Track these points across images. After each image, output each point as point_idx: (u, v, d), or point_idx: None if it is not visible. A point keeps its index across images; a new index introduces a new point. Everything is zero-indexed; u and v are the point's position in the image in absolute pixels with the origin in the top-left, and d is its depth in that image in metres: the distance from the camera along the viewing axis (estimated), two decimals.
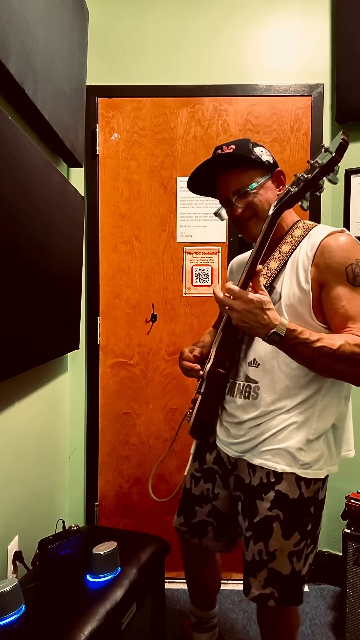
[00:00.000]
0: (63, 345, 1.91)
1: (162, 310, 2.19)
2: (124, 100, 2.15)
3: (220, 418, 1.39)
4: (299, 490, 1.23)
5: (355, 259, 1.16)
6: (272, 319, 1.09)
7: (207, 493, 1.44)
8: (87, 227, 2.16)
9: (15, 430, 1.58)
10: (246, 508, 1.30)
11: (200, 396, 1.38)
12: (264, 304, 1.09)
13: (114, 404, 2.22)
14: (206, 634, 1.62)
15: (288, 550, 1.24)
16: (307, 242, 1.23)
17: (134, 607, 1.37)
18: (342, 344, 1.08)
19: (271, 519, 1.24)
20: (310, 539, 1.27)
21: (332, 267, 1.17)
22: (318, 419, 1.23)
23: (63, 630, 1.16)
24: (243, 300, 1.09)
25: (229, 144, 1.29)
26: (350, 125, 2.09)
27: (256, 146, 1.30)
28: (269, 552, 1.24)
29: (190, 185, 1.40)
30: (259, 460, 1.26)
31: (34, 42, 1.36)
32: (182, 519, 1.50)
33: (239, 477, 1.34)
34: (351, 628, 1.75)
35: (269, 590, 1.24)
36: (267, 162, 1.29)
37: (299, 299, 1.20)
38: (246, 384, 1.29)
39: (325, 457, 1.25)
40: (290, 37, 2.14)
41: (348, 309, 1.15)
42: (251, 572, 1.27)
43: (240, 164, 1.28)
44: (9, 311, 1.32)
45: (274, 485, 1.24)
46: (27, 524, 1.66)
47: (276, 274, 1.26)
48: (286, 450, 1.23)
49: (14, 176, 1.27)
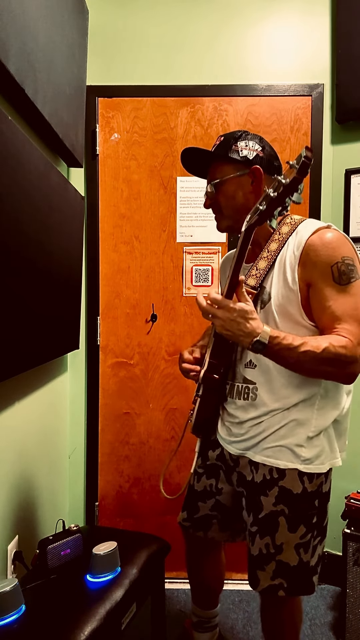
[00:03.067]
0: (63, 345, 1.91)
1: (162, 310, 2.19)
2: (124, 100, 2.15)
3: (221, 417, 1.40)
4: (302, 485, 1.24)
5: (342, 256, 1.14)
6: (255, 328, 1.09)
7: (210, 488, 1.45)
8: (87, 227, 2.16)
9: (16, 430, 1.58)
10: (250, 504, 1.31)
11: (199, 399, 1.39)
12: (247, 313, 1.09)
13: (114, 404, 2.22)
14: (207, 633, 1.62)
15: (295, 542, 1.25)
16: (294, 240, 1.21)
17: (134, 607, 1.37)
18: (326, 346, 1.08)
19: (276, 514, 1.25)
20: (316, 530, 1.28)
21: (318, 267, 1.15)
22: (318, 416, 1.23)
23: (63, 630, 1.16)
24: (226, 309, 1.10)
25: (222, 135, 1.31)
26: (350, 125, 2.09)
27: (244, 139, 1.27)
28: (276, 545, 1.25)
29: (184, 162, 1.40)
30: (261, 457, 1.27)
31: (34, 42, 1.36)
32: (186, 515, 1.50)
33: (241, 474, 1.34)
34: (351, 628, 1.75)
35: (278, 581, 1.25)
36: (241, 158, 1.25)
37: (288, 298, 1.20)
38: (244, 386, 1.30)
39: (326, 452, 1.25)
40: (290, 37, 2.14)
41: (334, 309, 1.14)
42: (259, 566, 1.28)
43: (217, 158, 1.29)
44: (9, 311, 1.32)
45: (277, 481, 1.25)
46: (27, 524, 1.66)
47: (265, 274, 1.24)
48: (287, 447, 1.24)
49: (14, 176, 1.27)
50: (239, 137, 1.28)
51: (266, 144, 1.31)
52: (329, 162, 2.14)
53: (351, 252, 1.17)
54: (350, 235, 2.07)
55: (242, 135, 1.28)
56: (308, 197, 2.14)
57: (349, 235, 2.07)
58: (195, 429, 1.45)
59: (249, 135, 1.29)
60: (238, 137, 1.28)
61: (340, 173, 2.12)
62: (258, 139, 1.30)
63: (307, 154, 0.95)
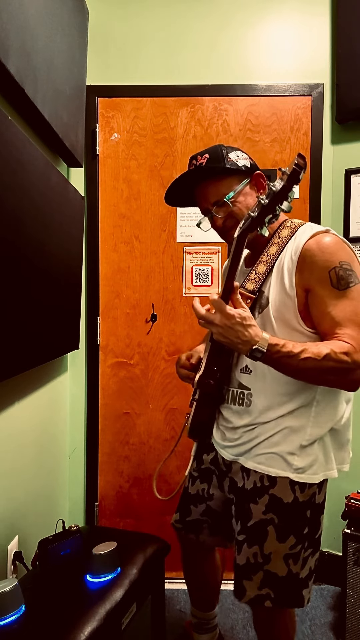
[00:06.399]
0: (63, 345, 1.91)
1: (162, 310, 2.19)
2: (124, 100, 2.15)
3: (217, 421, 1.38)
4: (293, 495, 1.21)
5: (339, 261, 1.12)
6: (254, 335, 1.07)
7: (202, 493, 1.44)
8: (87, 227, 2.16)
9: (16, 430, 1.58)
10: (239, 511, 1.29)
11: (195, 403, 1.38)
12: (245, 320, 1.07)
13: (114, 404, 2.22)
14: (206, 634, 1.62)
15: (283, 552, 1.22)
16: (293, 244, 1.19)
17: (134, 607, 1.37)
18: (327, 353, 1.06)
19: (265, 522, 1.22)
20: (307, 542, 1.24)
21: (316, 272, 1.13)
22: (313, 425, 1.20)
23: (63, 631, 1.16)
24: (224, 314, 1.07)
25: (203, 153, 1.26)
26: (350, 125, 2.09)
27: (232, 151, 1.26)
28: (264, 555, 1.22)
29: (168, 200, 1.37)
30: (253, 464, 1.25)
31: (34, 42, 1.36)
32: (178, 516, 1.50)
33: (233, 480, 1.33)
34: (351, 628, 1.75)
35: (265, 592, 1.23)
36: (243, 167, 1.25)
37: (285, 304, 1.18)
38: (239, 391, 1.27)
39: (320, 462, 1.22)
40: (290, 37, 2.14)
41: (334, 315, 1.11)
42: (245, 575, 1.25)
43: (215, 174, 1.25)
44: (9, 311, 1.32)
45: (267, 489, 1.23)
46: (27, 524, 1.66)
47: (264, 278, 1.22)
48: (279, 455, 1.21)
49: (14, 176, 1.27)
50: (227, 150, 1.25)
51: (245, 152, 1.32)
52: (329, 162, 2.13)
53: (349, 256, 1.15)
54: (350, 235, 2.07)
55: (227, 148, 1.26)
56: (308, 197, 2.14)
57: (349, 235, 2.07)
58: (190, 433, 1.43)
59: (230, 147, 1.27)
60: (225, 150, 1.25)
61: (340, 173, 2.12)
62: (238, 148, 1.29)
63: (299, 161, 0.94)
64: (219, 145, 1.28)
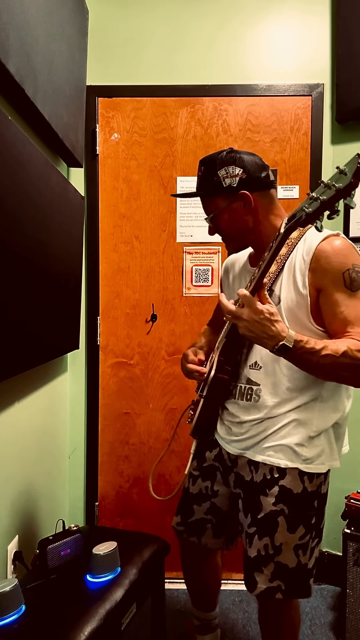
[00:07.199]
0: (63, 345, 1.91)
1: (162, 310, 2.19)
2: (124, 100, 2.15)
3: (221, 417, 1.39)
4: (302, 485, 1.25)
5: (352, 263, 1.16)
6: (280, 331, 1.09)
7: (205, 491, 1.45)
8: (87, 227, 2.16)
9: (16, 430, 1.58)
10: (248, 505, 1.31)
11: (202, 399, 1.39)
12: (273, 315, 1.09)
13: (114, 404, 2.22)
14: (209, 634, 1.63)
15: (294, 543, 1.25)
16: (303, 246, 1.23)
17: (134, 607, 1.37)
18: (345, 350, 1.09)
19: (276, 513, 1.25)
20: (314, 532, 1.28)
21: (330, 273, 1.17)
22: (319, 418, 1.24)
23: (63, 630, 1.16)
24: (252, 309, 1.10)
25: (205, 161, 1.29)
26: (350, 125, 2.09)
27: (224, 166, 1.25)
28: (275, 546, 1.25)
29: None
30: (262, 457, 1.27)
31: (34, 42, 1.36)
32: (180, 518, 1.50)
33: (239, 475, 1.34)
34: (351, 628, 1.75)
35: (276, 584, 1.25)
36: (228, 188, 1.25)
37: (297, 303, 1.21)
38: (247, 387, 1.30)
39: (326, 453, 1.26)
40: (290, 37, 2.14)
41: (347, 315, 1.15)
42: (256, 567, 1.28)
43: (204, 193, 1.31)
44: (9, 311, 1.32)
45: (277, 480, 1.25)
46: (27, 524, 1.66)
47: (275, 277, 1.26)
48: (288, 446, 1.24)
49: (14, 176, 1.27)
50: (219, 164, 1.25)
51: (246, 159, 1.25)
52: (329, 162, 2.13)
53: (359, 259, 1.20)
54: (350, 235, 2.07)
55: (219, 161, 1.25)
56: None
57: (349, 235, 2.07)
58: (195, 432, 1.44)
59: (225, 159, 1.25)
60: (218, 163, 1.25)
61: None
62: (235, 159, 1.25)
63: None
64: (220, 152, 1.27)
